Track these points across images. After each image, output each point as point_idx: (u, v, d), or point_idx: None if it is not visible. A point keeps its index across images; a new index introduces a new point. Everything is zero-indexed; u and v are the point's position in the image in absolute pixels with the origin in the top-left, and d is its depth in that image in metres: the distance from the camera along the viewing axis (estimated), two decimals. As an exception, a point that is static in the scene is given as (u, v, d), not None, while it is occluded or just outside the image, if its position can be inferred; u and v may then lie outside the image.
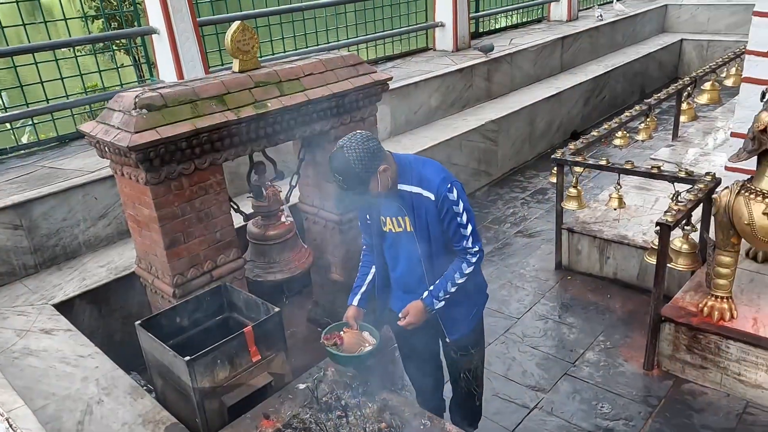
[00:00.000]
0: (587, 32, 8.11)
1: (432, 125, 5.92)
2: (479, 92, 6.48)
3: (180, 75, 4.51)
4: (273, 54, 5.60)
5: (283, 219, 3.45)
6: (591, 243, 4.21)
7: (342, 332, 2.38)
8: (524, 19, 8.89)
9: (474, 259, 2.26)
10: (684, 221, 3.18)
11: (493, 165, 6.17)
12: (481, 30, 7.99)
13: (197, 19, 4.56)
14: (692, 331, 3.14)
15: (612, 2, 9.56)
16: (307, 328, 3.87)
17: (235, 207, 3.20)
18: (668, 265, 3.21)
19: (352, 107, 3.36)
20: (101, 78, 4.70)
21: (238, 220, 3.27)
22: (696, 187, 3.31)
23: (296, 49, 5.89)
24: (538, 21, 8.95)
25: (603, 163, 3.86)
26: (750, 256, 3.56)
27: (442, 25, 6.97)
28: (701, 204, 3.33)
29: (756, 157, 2.89)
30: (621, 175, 3.91)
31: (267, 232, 3.39)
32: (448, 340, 2.42)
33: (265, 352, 2.46)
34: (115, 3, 6.95)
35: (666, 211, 3.06)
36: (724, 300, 3.14)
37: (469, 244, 2.24)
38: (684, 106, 5.62)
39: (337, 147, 2.11)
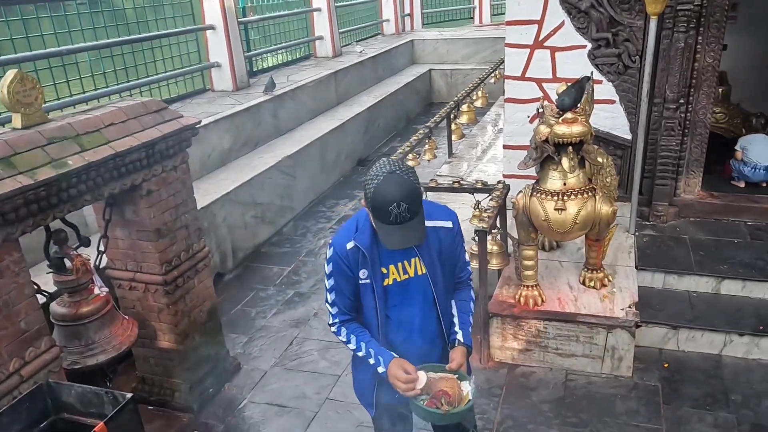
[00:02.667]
0: (354, 66, 8.69)
1: (228, 167, 5.72)
2: (269, 129, 6.47)
3: None
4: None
5: (96, 291, 2.99)
6: (409, 259, 4.48)
7: (433, 390, 2.00)
8: (293, 57, 9.16)
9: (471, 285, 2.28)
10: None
11: (294, 199, 6.20)
12: (255, 69, 8.01)
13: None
14: (515, 320, 3.56)
15: (376, 35, 10.41)
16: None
17: (37, 287, 2.67)
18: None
19: (163, 156, 3.10)
20: None
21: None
22: (494, 194, 3.78)
23: (58, 99, 5.18)
24: (306, 58, 9.31)
25: (411, 184, 4.16)
26: (540, 247, 4.17)
27: (218, 66, 6.81)
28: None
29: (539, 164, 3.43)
30: (426, 193, 4.27)
31: (79, 309, 2.90)
32: None
33: (124, 448, 2.09)
34: None
35: (480, 219, 3.43)
36: (534, 288, 3.63)
37: (470, 270, 2.24)
38: (453, 126, 6.39)
39: (385, 174, 1.82)
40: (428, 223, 1.96)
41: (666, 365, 3.57)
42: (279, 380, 3.73)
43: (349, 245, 2.02)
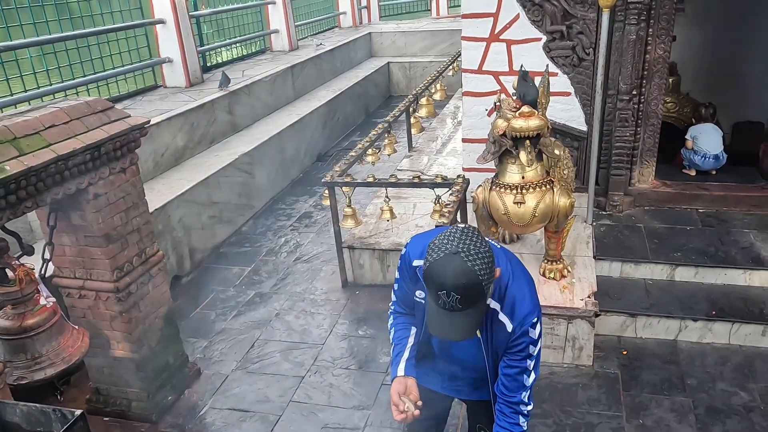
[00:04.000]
0: (311, 60, 8.56)
1: (183, 166, 5.56)
2: (224, 126, 6.31)
3: None
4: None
5: (42, 301, 2.84)
6: (371, 256, 4.46)
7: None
8: (248, 51, 8.96)
9: (525, 424, 1.83)
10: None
11: (253, 197, 6.08)
12: (209, 64, 7.79)
13: None
14: (478, 315, 3.57)
15: (333, 28, 10.27)
16: (90, 422, 3.26)
17: (-24, 301, 2.53)
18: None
19: (109, 158, 2.96)
20: None
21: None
22: (454, 189, 3.77)
23: (-2, 98, 4.92)
24: (262, 52, 9.12)
25: (371, 180, 4.12)
26: (500, 240, 4.19)
27: (170, 61, 6.59)
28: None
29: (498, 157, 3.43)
30: (383, 188, 4.24)
31: (24, 321, 2.75)
32: None
33: (73, 468, 2.00)
34: None
35: (440, 214, 3.41)
36: (495, 281, 3.64)
37: (525, 399, 1.81)
38: (412, 120, 6.37)
39: (447, 253, 1.53)
40: (492, 304, 1.72)
41: (625, 352, 3.64)
42: (241, 384, 3.65)
43: (416, 263, 1.82)
